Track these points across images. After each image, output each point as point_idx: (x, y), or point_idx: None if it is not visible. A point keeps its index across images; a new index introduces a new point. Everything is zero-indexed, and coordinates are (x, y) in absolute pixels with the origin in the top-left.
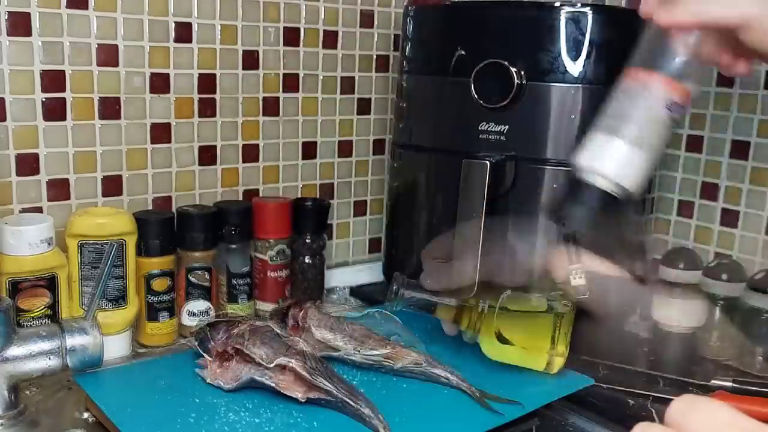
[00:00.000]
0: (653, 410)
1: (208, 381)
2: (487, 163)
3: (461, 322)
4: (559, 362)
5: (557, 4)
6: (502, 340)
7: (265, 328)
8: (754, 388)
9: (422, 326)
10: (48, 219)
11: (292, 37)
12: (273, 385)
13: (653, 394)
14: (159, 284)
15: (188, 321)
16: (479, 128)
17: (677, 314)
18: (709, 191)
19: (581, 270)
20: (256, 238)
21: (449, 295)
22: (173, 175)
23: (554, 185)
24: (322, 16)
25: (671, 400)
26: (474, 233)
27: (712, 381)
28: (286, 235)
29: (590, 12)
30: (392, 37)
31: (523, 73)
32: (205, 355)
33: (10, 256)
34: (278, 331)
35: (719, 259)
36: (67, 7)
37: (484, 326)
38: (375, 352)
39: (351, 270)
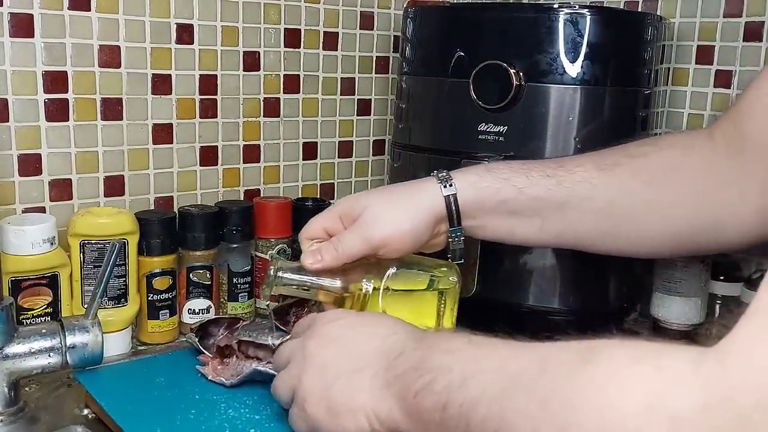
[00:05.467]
0: None
1: (209, 378)
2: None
3: (345, 304)
4: None
5: (555, 5)
6: None
7: (266, 324)
8: None
9: None
10: (50, 219)
11: (292, 38)
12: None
13: None
14: (160, 283)
15: (189, 319)
16: (478, 129)
17: (676, 312)
18: None
19: (461, 234)
20: (257, 238)
21: (332, 276)
22: (175, 176)
23: None
24: (323, 18)
25: None
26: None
27: None
28: (286, 234)
29: (588, 13)
30: (392, 38)
31: (521, 74)
32: (205, 351)
33: (13, 255)
34: (280, 327)
35: (718, 258)
36: (69, 8)
37: (368, 308)
38: None
39: None
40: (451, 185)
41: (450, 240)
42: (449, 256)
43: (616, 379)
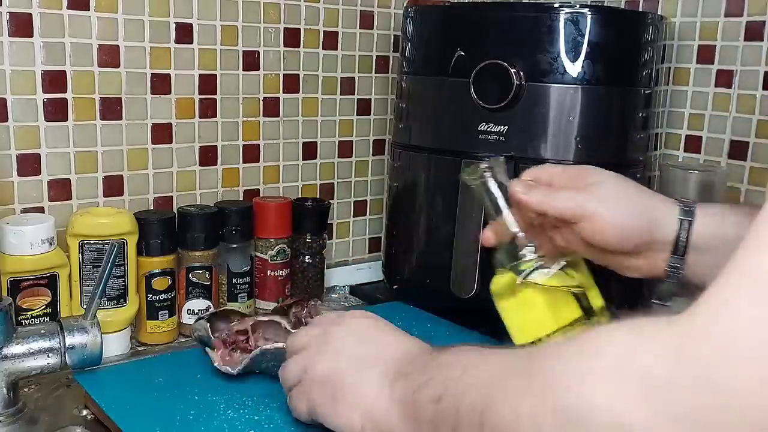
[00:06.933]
0: None
1: (215, 364)
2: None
3: (500, 253)
4: None
5: (556, 4)
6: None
7: (269, 323)
8: None
9: (421, 326)
10: (49, 219)
11: (292, 37)
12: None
13: None
14: (159, 283)
15: (188, 320)
16: (479, 128)
17: None
18: None
19: (682, 267)
20: (257, 238)
21: (519, 219)
22: (174, 175)
23: None
24: (322, 17)
25: None
26: (473, 233)
27: None
28: (286, 234)
29: (589, 13)
30: (392, 37)
31: (522, 73)
32: (212, 337)
33: (12, 255)
34: (284, 324)
35: None
36: (68, 7)
37: (514, 275)
38: None
39: (351, 269)
40: (691, 211)
41: (667, 270)
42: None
43: (595, 342)
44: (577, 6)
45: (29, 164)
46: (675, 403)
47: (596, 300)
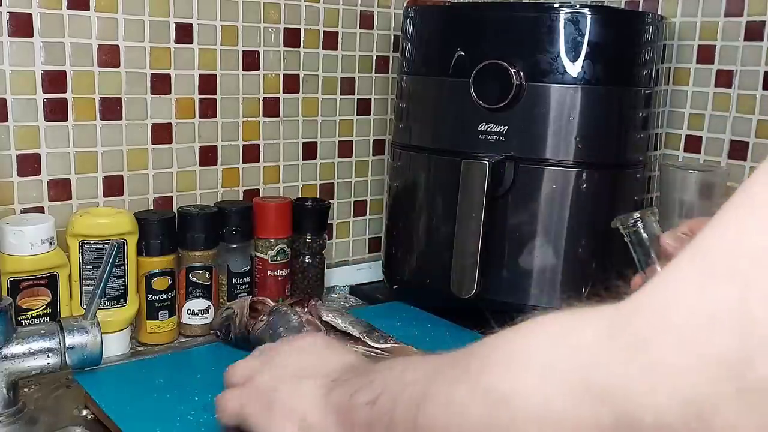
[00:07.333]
0: None
1: None
2: (487, 163)
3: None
4: None
5: (556, 5)
6: None
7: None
8: None
9: (421, 326)
10: (49, 219)
11: (292, 37)
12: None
13: None
14: (159, 283)
15: (188, 320)
16: (479, 129)
17: None
18: None
19: None
20: (257, 238)
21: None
22: (174, 176)
23: (553, 186)
24: (322, 17)
25: None
26: (473, 233)
27: None
28: (286, 234)
29: (589, 13)
30: (392, 37)
31: (522, 73)
32: None
33: (12, 255)
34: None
35: None
36: (68, 7)
37: None
38: (379, 345)
39: (351, 269)
40: None
41: None
42: None
43: (532, 324)
44: (577, 6)
45: (29, 164)
46: (600, 380)
47: None
